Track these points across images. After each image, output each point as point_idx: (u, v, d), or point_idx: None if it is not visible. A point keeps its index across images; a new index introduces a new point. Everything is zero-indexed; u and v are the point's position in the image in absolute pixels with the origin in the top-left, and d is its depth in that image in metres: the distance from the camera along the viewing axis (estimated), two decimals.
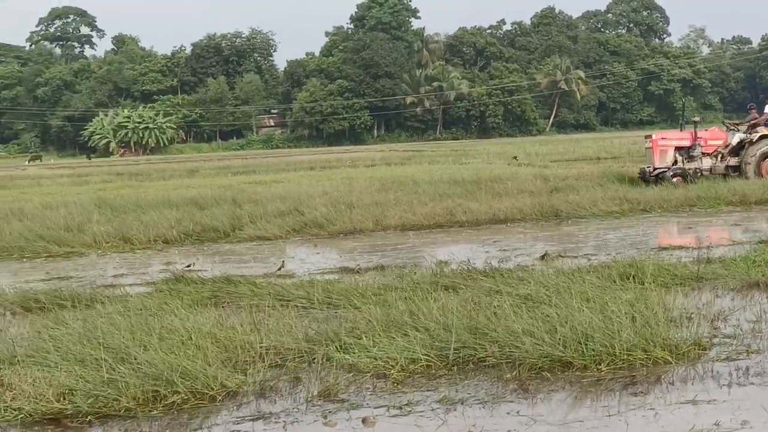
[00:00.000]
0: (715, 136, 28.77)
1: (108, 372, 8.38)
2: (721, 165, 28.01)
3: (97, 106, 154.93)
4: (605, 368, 8.59)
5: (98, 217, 23.63)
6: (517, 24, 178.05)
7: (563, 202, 23.45)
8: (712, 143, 28.41)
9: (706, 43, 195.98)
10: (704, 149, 28.19)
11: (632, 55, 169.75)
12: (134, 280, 15.68)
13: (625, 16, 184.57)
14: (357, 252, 18.62)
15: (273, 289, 12.54)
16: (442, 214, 22.50)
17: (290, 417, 7.89)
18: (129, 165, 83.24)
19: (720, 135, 28.91)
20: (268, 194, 28.37)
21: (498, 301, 10.65)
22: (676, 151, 28.12)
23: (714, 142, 28.46)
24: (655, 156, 28.03)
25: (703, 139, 28.34)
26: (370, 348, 9.26)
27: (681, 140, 28.44)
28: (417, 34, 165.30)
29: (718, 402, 7.74)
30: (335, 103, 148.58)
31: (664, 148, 28.06)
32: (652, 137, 28.95)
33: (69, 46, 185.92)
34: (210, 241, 21.17)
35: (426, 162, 54.60)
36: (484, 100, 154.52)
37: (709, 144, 28.34)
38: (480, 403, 7.99)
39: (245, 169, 60.29)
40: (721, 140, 28.52)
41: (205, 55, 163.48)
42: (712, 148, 28.32)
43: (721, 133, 29.20)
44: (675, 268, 12.91)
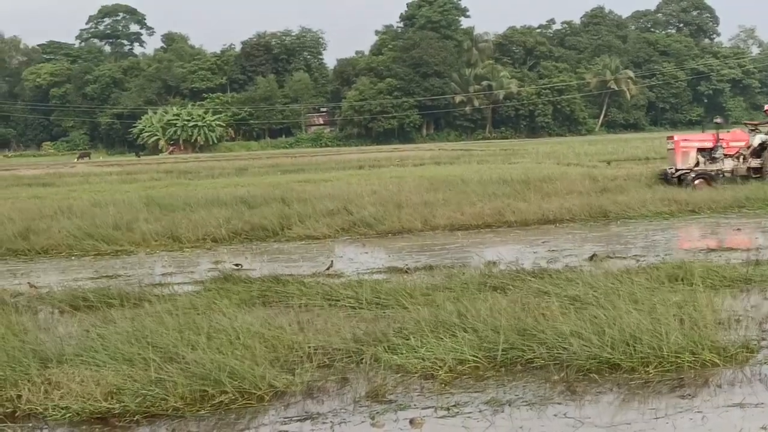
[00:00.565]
0: (737, 138, 28.67)
1: (156, 371, 8.43)
2: (743, 166, 27.89)
3: (146, 104, 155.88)
4: (653, 370, 8.57)
5: (147, 216, 23.72)
6: (567, 23, 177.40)
7: (612, 202, 23.36)
8: (734, 145, 28.28)
9: (756, 44, 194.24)
10: (726, 151, 28.03)
11: (682, 55, 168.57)
12: (183, 278, 15.74)
13: (675, 16, 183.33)
14: (405, 252, 18.63)
15: (321, 289, 12.57)
16: (491, 214, 22.46)
17: (338, 417, 7.91)
18: (178, 163, 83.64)
19: (742, 136, 28.78)
20: (317, 193, 28.42)
21: (546, 303, 10.64)
22: (698, 152, 27.99)
23: (736, 143, 28.33)
24: (677, 157, 27.93)
25: (725, 140, 28.20)
26: (418, 349, 9.27)
27: (703, 142, 28.33)
28: (466, 33, 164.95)
29: (765, 405, 7.70)
30: (384, 102, 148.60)
31: (687, 150, 27.95)
32: (674, 138, 28.82)
33: (118, 44, 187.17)
34: (259, 240, 21.22)
35: (475, 161, 54.51)
36: (533, 100, 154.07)
37: (731, 146, 28.20)
38: (527, 405, 7.98)
39: (294, 167, 60.37)
40: (743, 142, 28.38)
41: (254, 54, 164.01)
42: (734, 150, 28.17)
43: (743, 134, 29.08)
44: (724, 270, 12.86)
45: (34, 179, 56.00)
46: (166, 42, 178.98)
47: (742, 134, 29.10)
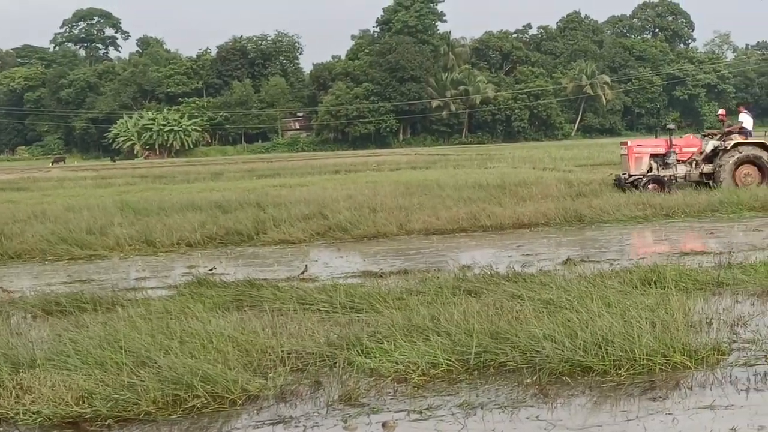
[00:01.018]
0: (690, 144, 28.77)
1: (128, 376, 8.43)
2: (696, 172, 27.98)
3: (121, 108, 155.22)
4: (625, 373, 8.63)
5: (121, 220, 23.66)
6: (543, 28, 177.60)
7: (587, 206, 23.42)
8: (687, 150, 28.36)
9: (731, 49, 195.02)
10: (679, 156, 28.12)
11: (657, 60, 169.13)
12: (156, 283, 15.73)
13: (651, 21, 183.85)
14: (380, 256, 18.65)
15: (295, 293, 12.58)
16: (466, 218, 22.49)
17: (310, 421, 7.93)
18: (153, 167, 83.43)
19: (695, 142, 28.91)
20: (293, 198, 28.40)
21: (520, 306, 10.68)
22: (651, 158, 28.07)
23: (689, 149, 28.42)
24: (631, 163, 27.97)
25: (678, 146, 28.30)
26: (392, 352, 9.30)
27: (656, 147, 28.41)
28: (443, 37, 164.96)
29: (735, 407, 7.76)
30: (361, 107, 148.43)
31: (640, 155, 28.03)
32: (627, 144, 28.87)
33: (93, 48, 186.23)
34: (233, 245, 21.20)
35: (451, 166, 54.58)
36: (509, 104, 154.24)
37: (684, 151, 28.29)
38: (500, 408, 8.01)
39: (270, 172, 60.30)
40: (695, 147, 28.49)
41: (230, 58, 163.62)
42: (687, 156, 28.25)
43: (696, 140, 29.24)
44: (696, 273, 12.94)
45: (7, 184, 55.72)
46: (142, 46, 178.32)
47: (695, 140, 29.25)
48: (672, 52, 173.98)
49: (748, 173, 27.35)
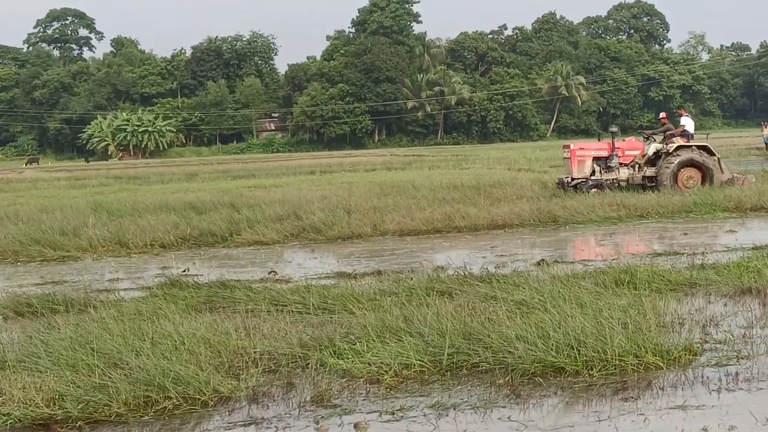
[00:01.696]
0: (633, 147, 28.77)
1: (99, 377, 8.40)
2: (639, 175, 27.96)
3: (95, 109, 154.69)
4: (597, 374, 8.65)
5: (94, 221, 23.55)
6: (519, 29, 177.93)
7: (561, 207, 23.44)
8: (630, 153, 28.36)
9: (706, 50, 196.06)
10: (622, 159, 28.13)
11: (632, 61, 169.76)
12: (129, 284, 15.68)
13: (626, 22, 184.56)
14: (354, 257, 18.64)
15: (268, 295, 12.57)
16: (441, 219, 22.48)
17: (282, 422, 7.92)
18: (127, 168, 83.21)
19: (637, 145, 28.92)
20: (267, 198, 28.35)
21: (493, 307, 10.71)
22: (594, 161, 28.04)
23: (631, 152, 28.42)
24: (573, 166, 27.95)
25: (621, 149, 28.32)
26: (364, 353, 9.29)
27: (599, 150, 28.38)
28: (418, 38, 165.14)
29: (706, 407, 7.79)
30: (336, 108, 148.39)
31: (582, 159, 28.01)
32: (570, 147, 28.83)
33: (67, 48, 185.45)
34: (207, 246, 21.15)
35: (426, 167, 54.62)
36: (485, 105, 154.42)
37: (627, 154, 28.30)
38: (472, 409, 8.02)
39: (245, 173, 60.25)
40: (638, 150, 28.49)
41: (205, 59, 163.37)
42: (630, 159, 28.27)
43: (639, 143, 29.24)
44: (669, 274, 12.97)
45: None
46: (116, 46, 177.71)
47: (637, 143, 29.25)
48: (647, 53, 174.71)
49: (690, 176, 27.33)
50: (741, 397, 8.02)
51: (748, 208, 23.32)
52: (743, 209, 23.26)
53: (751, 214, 22.93)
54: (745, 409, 7.68)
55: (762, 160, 49.51)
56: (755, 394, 8.08)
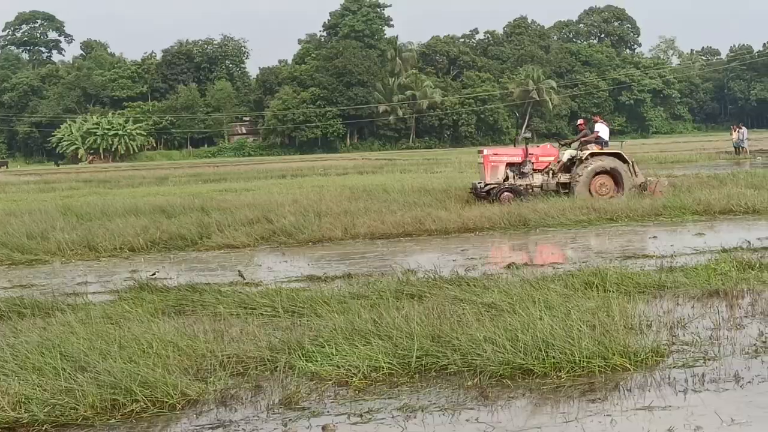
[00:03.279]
0: (547, 153, 28.64)
1: (66, 381, 8.36)
2: (553, 182, 27.78)
3: (65, 113, 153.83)
4: (565, 375, 8.69)
5: (63, 225, 23.48)
6: (490, 33, 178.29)
7: (531, 210, 23.48)
8: (544, 160, 28.18)
9: (676, 54, 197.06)
10: (536, 166, 27.98)
11: (603, 66, 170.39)
12: (98, 288, 15.62)
13: (597, 27, 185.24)
14: (325, 260, 18.64)
15: (238, 298, 12.56)
16: (411, 222, 22.51)
17: (250, 425, 7.91)
18: (97, 172, 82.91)
19: (551, 152, 28.81)
20: (238, 202, 28.33)
21: (462, 310, 10.72)
22: (507, 167, 27.88)
23: (545, 158, 28.25)
24: (487, 172, 27.77)
25: (535, 155, 28.17)
26: (333, 356, 9.30)
27: (512, 156, 28.22)
28: (390, 42, 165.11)
29: (672, 408, 7.83)
30: (308, 111, 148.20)
31: (496, 164, 27.83)
32: (483, 152, 28.74)
33: (36, 51, 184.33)
34: (177, 249, 21.09)
35: (398, 171, 54.66)
36: (456, 109, 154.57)
37: (541, 160, 28.12)
38: (440, 411, 8.03)
39: (216, 177, 60.15)
40: (552, 157, 28.36)
41: (175, 62, 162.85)
42: (544, 165, 28.10)
43: (553, 149, 29.14)
44: (638, 277, 13.04)
45: None
46: (86, 49, 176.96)
47: (551, 149, 29.16)
48: (618, 58, 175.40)
49: (603, 183, 27.25)
50: (707, 397, 8.06)
51: (717, 211, 23.44)
52: (712, 212, 23.38)
53: (719, 217, 23.04)
54: (710, 409, 7.72)
55: (731, 164, 49.77)
56: (721, 395, 8.12)
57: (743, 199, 24.04)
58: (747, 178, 30.15)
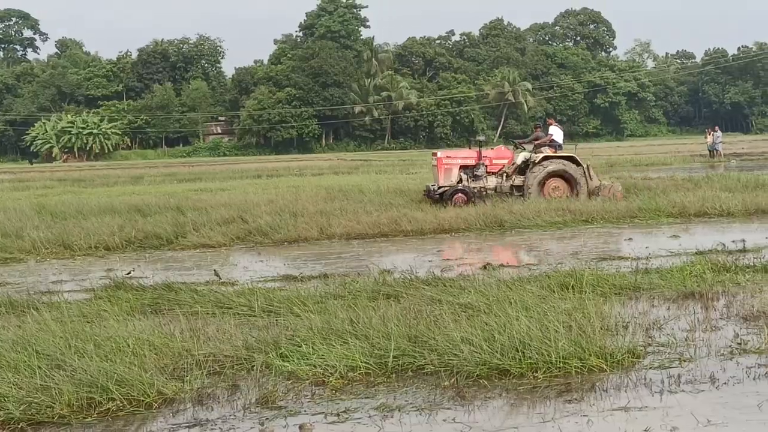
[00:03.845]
0: (501, 155, 28.57)
1: (42, 379, 8.34)
2: (507, 184, 27.75)
3: (39, 111, 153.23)
4: (541, 376, 8.70)
5: (38, 223, 23.41)
6: (466, 35, 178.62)
7: (507, 212, 23.52)
8: (498, 162, 28.13)
9: (651, 57, 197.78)
10: (490, 168, 27.94)
11: (579, 68, 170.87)
12: (73, 286, 15.55)
13: (572, 29, 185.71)
14: (301, 260, 18.62)
15: (214, 297, 12.54)
16: (387, 223, 22.51)
17: (227, 424, 7.89)
18: (72, 171, 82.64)
19: (505, 154, 28.76)
20: (213, 202, 28.30)
21: (438, 310, 10.73)
22: (461, 169, 27.85)
23: (499, 161, 28.20)
24: (440, 174, 27.73)
25: (489, 158, 28.11)
26: (310, 356, 9.30)
27: (466, 159, 28.14)
28: (366, 43, 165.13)
29: (649, 409, 7.86)
30: (283, 112, 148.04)
31: (449, 167, 27.78)
32: (437, 155, 28.64)
33: (11, 49, 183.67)
34: (152, 249, 21.04)
35: (373, 171, 54.69)
36: (432, 111, 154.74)
37: (495, 163, 28.08)
38: (417, 411, 8.03)
39: (191, 176, 60.05)
40: (506, 159, 28.34)
41: (151, 61, 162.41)
42: (498, 167, 28.07)
43: (507, 152, 29.10)
44: (614, 278, 13.09)
45: None
46: (61, 48, 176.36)
47: (506, 151, 29.12)
48: (593, 60, 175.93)
49: (556, 186, 27.23)
50: (683, 398, 8.10)
51: (692, 213, 23.53)
52: (687, 215, 23.47)
53: (694, 219, 23.14)
54: (686, 410, 7.76)
55: (706, 167, 49.98)
56: (697, 396, 8.16)
57: (718, 202, 24.14)
58: (721, 181, 30.27)
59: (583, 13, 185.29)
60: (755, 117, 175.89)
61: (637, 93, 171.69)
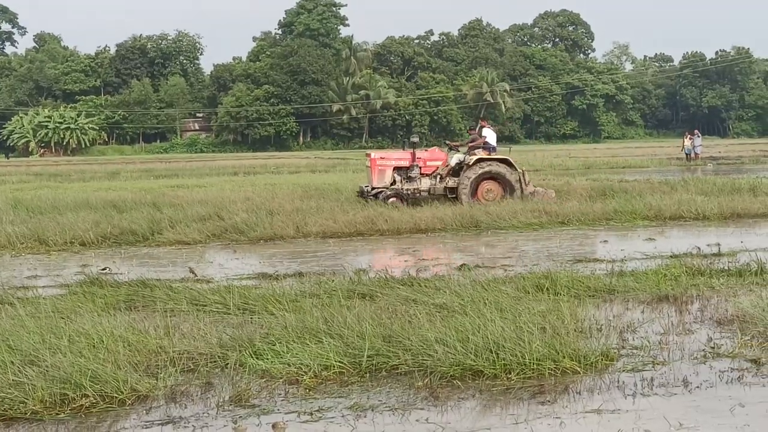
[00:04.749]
0: (435, 157, 28.36)
1: (14, 374, 8.32)
2: (440, 186, 27.58)
3: (16, 105, 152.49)
4: (515, 377, 8.73)
5: (13, 218, 23.33)
6: (445, 35, 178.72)
7: (483, 213, 23.55)
8: (432, 164, 27.95)
9: (629, 60, 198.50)
10: (424, 170, 27.75)
11: (557, 70, 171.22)
12: (48, 282, 15.50)
13: (551, 31, 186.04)
14: (277, 258, 18.62)
15: (189, 294, 12.52)
16: (363, 222, 22.51)
17: (200, 421, 7.90)
18: (48, 165, 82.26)
19: (440, 156, 28.56)
20: (189, 198, 28.24)
21: (413, 310, 10.75)
22: (394, 171, 27.70)
23: (433, 162, 28.02)
24: (374, 175, 27.61)
25: (423, 159, 27.91)
26: (284, 354, 9.31)
27: (400, 160, 27.96)
28: (345, 41, 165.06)
29: (621, 411, 7.89)
30: (261, 109, 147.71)
31: (383, 168, 27.64)
32: (370, 156, 28.51)
33: None
34: (128, 245, 20.99)
35: (351, 170, 54.62)
36: (410, 110, 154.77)
37: (429, 165, 27.90)
38: (390, 410, 8.05)
39: (168, 172, 59.97)
40: (440, 161, 28.16)
41: (129, 56, 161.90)
42: (432, 169, 27.91)
43: (441, 153, 28.90)
44: (588, 280, 13.13)
45: None
46: (39, 42, 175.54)
47: (440, 153, 28.91)
48: (572, 62, 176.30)
49: (490, 189, 27.10)
50: (656, 402, 8.13)
51: (668, 216, 23.63)
52: (663, 218, 23.56)
53: (670, 222, 23.24)
54: (659, 413, 7.79)
55: (683, 170, 50.21)
56: (670, 399, 8.20)
57: (693, 206, 24.23)
58: (697, 185, 30.36)
59: (562, 14, 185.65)
60: (732, 121, 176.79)
61: (614, 95, 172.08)
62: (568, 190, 29.73)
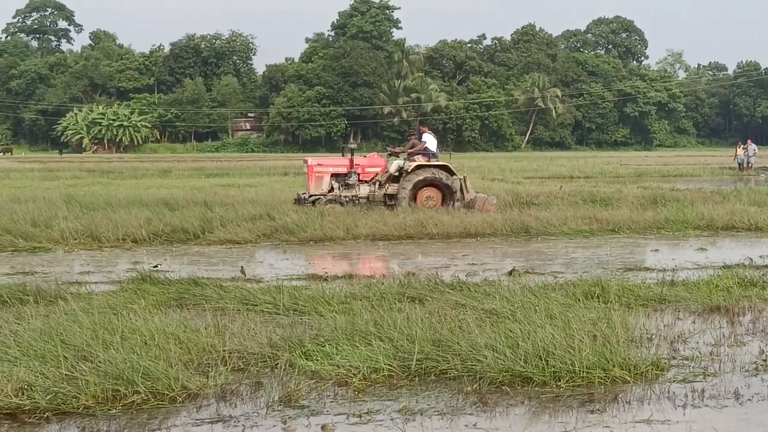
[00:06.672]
0: (374, 163, 28.09)
1: (68, 369, 8.39)
2: (380, 193, 27.13)
3: (71, 101, 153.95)
4: (564, 385, 8.69)
5: (67, 213, 23.47)
6: (498, 39, 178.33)
7: (534, 218, 23.47)
8: (370, 170, 27.59)
9: (683, 68, 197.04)
10: (362, 176, 27.35)
11: (609, 76, 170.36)
12: (100, 278, 15.62)
13: (604, 37, 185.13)
14: (326, 259, 18.64)
15: (239, 293, 12.57)
16: (413, 225, 22.49)
17: (250, 421, 7.93)
18: (101, 162, 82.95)
19: (378, 162, 28.27)
20: (241, 198, 28.32)
21: (463, 315, 10.73)
22: (332, 177, 27.31)
23: (372, 169, 27.67)
24: (311, 182, 27.24)
25: (361, 166, 27.59)
26: (333, 356, 9.32)
27: (337, 167, 27.66)
28: (397, 44, 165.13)
29: (672, 422, 7.84)
30: (312, 110, 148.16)
31: (320, 174, 27.25)
32: (308, 162, 28.09)
33: (45, 40, 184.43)
34: (179, 243, 21.10)
35: None
36: (461, 114, 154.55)
37: (367, 171, 27.53)
38: (439, 415, 8.04)
39: (219, 171, 60.26)
40: (379, 167, 27.83)
41: (183, 55, 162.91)
42: (371, 176, 27.49)
43: (380, 159, 28.64)
44: (639, 289, 13.04)
45: None
46: (94, 40, 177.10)
47: (379, 159, 28.67)
48: (624, 69, 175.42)
49: (429, 196, 26.68)
50: (706, 413, 8.07)
51: (720, 227, 23.42)
52: (714, 228, 23.36)
53: (722, 233, 23.04)
54: (710, 425, 7.74)
55: (735, 180, 49.80)
56: (720, 412, 8.14)
57: (746, 216, 23.99)
58: (750, 195, 30.07)
59: (616, 21, 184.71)
60: None
61: (667, 103, 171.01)
62: (619, 197, 29.58)
